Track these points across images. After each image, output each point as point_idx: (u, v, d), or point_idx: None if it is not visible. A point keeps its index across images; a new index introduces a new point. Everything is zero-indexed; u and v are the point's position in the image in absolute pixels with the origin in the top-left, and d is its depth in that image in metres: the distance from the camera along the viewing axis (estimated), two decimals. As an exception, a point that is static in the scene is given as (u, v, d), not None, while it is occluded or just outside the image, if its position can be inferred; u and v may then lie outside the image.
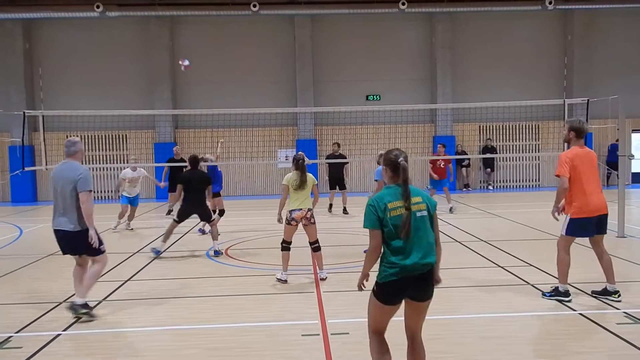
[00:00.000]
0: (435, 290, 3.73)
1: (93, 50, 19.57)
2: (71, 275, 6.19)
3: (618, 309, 5.77)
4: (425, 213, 3.69)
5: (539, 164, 20.64)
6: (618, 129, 10.50)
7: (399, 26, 20.04)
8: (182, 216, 9.30)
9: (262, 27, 19.80)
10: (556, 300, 6.04)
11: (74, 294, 6.13)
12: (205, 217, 9.58)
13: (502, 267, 7.81)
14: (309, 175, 7.42)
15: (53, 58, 19.64)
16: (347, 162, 14.48)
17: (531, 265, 7.83)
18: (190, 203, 9.18)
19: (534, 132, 20.27)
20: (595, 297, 6.16)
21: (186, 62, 12.16)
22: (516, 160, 20.49)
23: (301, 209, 7.25)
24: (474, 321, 5.62)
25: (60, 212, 5.84)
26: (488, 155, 18.94)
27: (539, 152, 20.00)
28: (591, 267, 6.79)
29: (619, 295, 6.01)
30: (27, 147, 18.62)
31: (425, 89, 20.25)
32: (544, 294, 6.24)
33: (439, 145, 14.95)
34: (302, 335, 5.23)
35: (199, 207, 9.32)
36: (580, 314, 5.67)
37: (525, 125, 20.14)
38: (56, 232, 5.92)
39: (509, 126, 20.18)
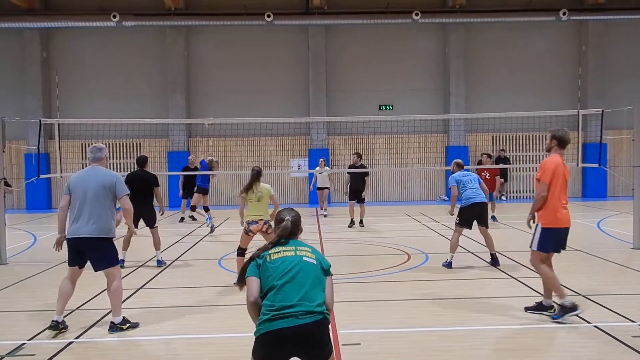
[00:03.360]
0: (450, 301, 3.71)
1: (109, 60, 19.82)
2: (84, 284, 6.19)
3: (634, 321, 5.68)
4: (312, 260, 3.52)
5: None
6: (633, 140, 10.37)
7: (412, 36, 20.07)
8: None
9: (276, 36, 19.93)
10: (569, 315, 5.75)
11: (87, 302, 6.14)
12: (149, 221, 9.10)
13: (515, 279, 7.73)
14: (264, 186, 7.58)
15: (70, 67, 19.92)
16: (368, 174, 14.08)
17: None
18: (134, 205, 8.63)
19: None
20: (532, 312, 6.00)
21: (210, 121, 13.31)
22: (530, 171, 20.32)
23: (257, 222, 7.45)
24: (485, 333, 5.54)
25: (86, 219, 5.60)
26: (501, 166, 18.78)
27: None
28: (601, 277, 6.70)
29: (555, 310, 5.82)
30: (43, 154, 18.87)
31: (438, 99, 20.21)
32: (553, 318, 5.83)
33: (483, 156, 14.23)
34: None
35: (141, 209, 8.66)
36: (595, 326, 5.58)
37: (539, 136, 19.99)
38: (76, 240, 5.64)
39: (522, 136, 20.05)
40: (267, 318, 3.27)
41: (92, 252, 5.68)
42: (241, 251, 7.60)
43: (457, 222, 8.75)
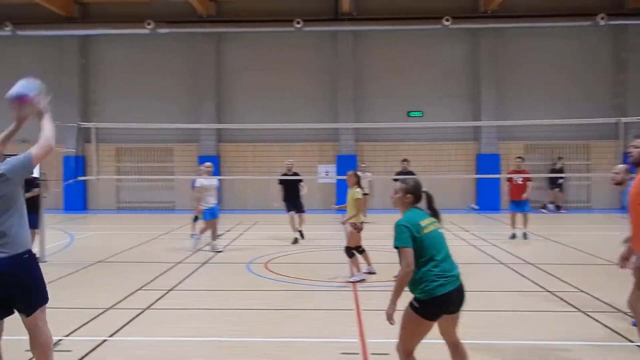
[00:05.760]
0: (479, 313, 3.78)
1: (143, 66, 20.29)
2: (116, 285, 6.32)
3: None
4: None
5: (589, 184, 19.96)
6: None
7: (442, 41, 19.93)
8: None
9: (305, 42, 20.08)
10: None
11: (120, 301, 6.25)
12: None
13: (550, 292, 7.53)
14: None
15: (105, 73, 20.46)
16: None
17: (582, 291, 7.47)
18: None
19: (584, 151, 19.67)
20: None
21: None
22: (564, 181, 19.87)
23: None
24: (520, 347, 5.40)
25: None
26: (534, 175, 18.37)
27: (589, 172, 19.32)
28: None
29: None
30: (80, 157, 19.43)
31: (469, 106, 20.01)
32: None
33: (516, 159, 13.00)
34: (341, 353, 5.20)
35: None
36: (638, 345, 5.33)
37: (575, 145, 19.57)
38: None
39: (556, 145, 19.62)
40: (440, 283, 3.76)
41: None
42: (355, 250, 8.15)
43: None
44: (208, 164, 11.25)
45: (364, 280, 8.05)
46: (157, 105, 19.90)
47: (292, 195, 12.32)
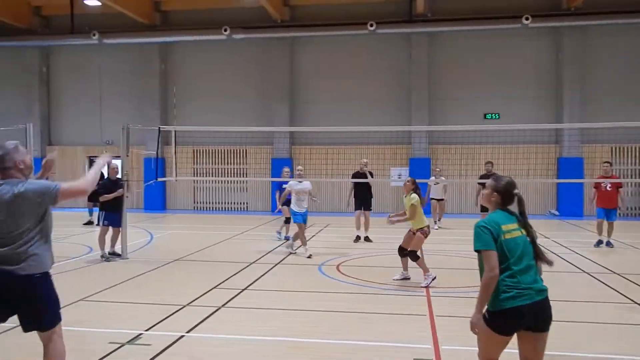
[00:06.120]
0: (560, 324, 3.51)
1: (219, 71, 20.92)
2: (193, 285, 6.51)
3: None
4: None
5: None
6: None
7: (521, 41, 19.15)
8: None
9: (378, 45, 19.94)
10: None
11: (197, 298, 6.43)
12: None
13: (638, 304, 7.07)
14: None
15: (184, 77, 21.27)
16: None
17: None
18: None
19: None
20: None
21: None
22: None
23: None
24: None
25: None
26: (624, 180, 17.24)
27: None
28: None
29: None
30: (160, 159, 20.29)
31: (549, 107, 19.09)
32: None
33: (603, 164, 12.19)
34: (415, 359, 5.10)
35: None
36: None
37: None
38: None
39: (646, 148, 18.34)
40: (512, 295, 3.49)
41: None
42: (403, 252, 8.25)
43: None
44: (300, 167, 11.59)
45: (434, 278, 7.99)
46: (232, 108, 20.45)
47: (362, 193, 12.69)
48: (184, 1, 20.54)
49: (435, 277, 8.00)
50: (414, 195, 8.27)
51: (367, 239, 12.43)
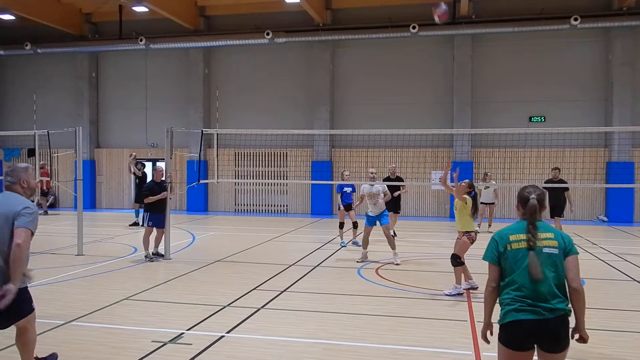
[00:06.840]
0: (608, 333, 3.36)
1: (261, 74, 21.16)
2: (231, 286, 6.58)
3: None
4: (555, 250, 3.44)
5: None
6: None
7: (568, 43, 18.61)
8: None
9: (420, 47, 19.75)
10: None
11: (237, 299, 6.52)
12: None
13: None
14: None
15: (226, 81, 21.62)
16: (567, 189, 13.07)
17: None
18: None
19: None
20: None
21: (443, 7, 11.31)
22: None
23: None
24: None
25: None
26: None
27: None
28: None
29: None
30: (202, 161, 20.69)
31: (598, 110, 18.47)
32: None
33: None
34: (455, 365, 5.03)
35: None
36: None
37: None
38: None
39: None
40: (515, 308, 3.40)
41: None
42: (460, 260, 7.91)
43: None
44: (373, 169, 11.51)
45: (461, 294, 7.64)
46: (273, 111, 20.65)
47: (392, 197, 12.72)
48: (227, 6, 20.90)
49: (463, 292, 7.68)
50: (465, 197, 8.02)
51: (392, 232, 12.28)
